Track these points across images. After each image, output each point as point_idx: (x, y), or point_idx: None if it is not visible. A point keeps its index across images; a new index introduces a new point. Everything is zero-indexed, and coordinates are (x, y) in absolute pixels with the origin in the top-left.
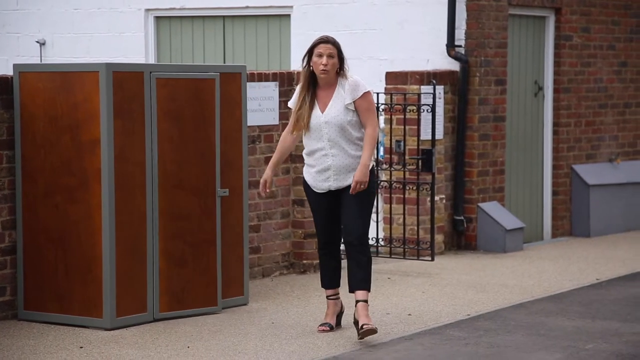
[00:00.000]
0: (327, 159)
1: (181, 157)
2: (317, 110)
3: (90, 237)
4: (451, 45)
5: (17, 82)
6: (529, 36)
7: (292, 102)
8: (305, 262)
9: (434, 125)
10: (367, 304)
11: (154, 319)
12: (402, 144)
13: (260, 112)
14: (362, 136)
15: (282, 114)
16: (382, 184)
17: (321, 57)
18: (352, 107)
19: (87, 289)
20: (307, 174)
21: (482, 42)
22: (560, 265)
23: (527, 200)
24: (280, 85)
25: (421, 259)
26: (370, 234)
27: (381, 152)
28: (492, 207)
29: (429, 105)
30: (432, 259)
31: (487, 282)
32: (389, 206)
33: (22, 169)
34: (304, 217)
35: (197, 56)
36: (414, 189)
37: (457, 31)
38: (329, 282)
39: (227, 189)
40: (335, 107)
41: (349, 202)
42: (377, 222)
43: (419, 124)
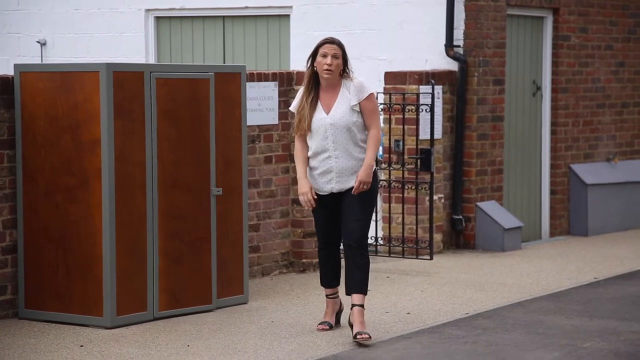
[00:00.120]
0: (330, 161)
1: (178, 157)
2: (321, 111)
3: (90, 236)
4: (450, 45)
5: (17, 82)
6: (527, 36)
7: (294, 105)
8: (304, 261)
9: (432, 124)
10: (363, 308)
11: (154, 317)
12: (401, 143)
13: (259, 112)
14: (366, 138)
15: (281, 113)
16: (381, 183)
17: (325, 57)
18: (358, 108)
19: (87, 288)
20: (309, 175)
21: (480, 42)
22: (558, 264)
23: (526, 199)
24: (279, 85)
25: (420, 258)
26: (369, 234)
27: (380, 152)
28: (490, 207)
29: (427, 105)
30: (431, 258)
31: (485, 281)
32: (387, 205)
33: (22, 168)
34: (303, 216)
35: (197, 56)
36: (413, 188)
37: (455, 31)
38: (329, 281)
39: (221, 188)
40: (340, 109)
41: (350, 205)
42: (376, 221)
43: (417, 124)
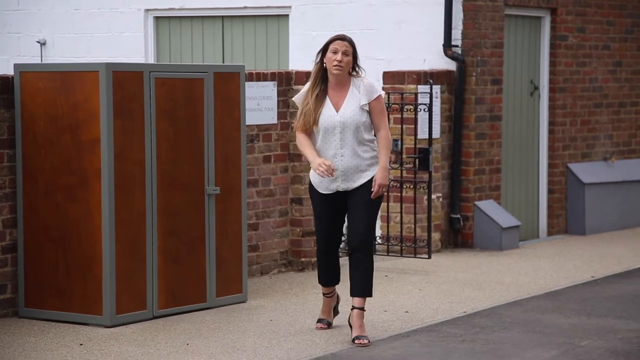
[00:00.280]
0: (336, 160)
1: (177, 156)
2: (330, 109)
3: (90, 235)
4: (448, 45)
5: (17, 81)
6: (524, 36)
7: (299, 97)
8: (303, 259)
9: (430, 124)
10: (364, 311)
11: (153, 316)
12: (400, 143)
13: (258, 112)
14: (371, 138)
15: (280, 113)
16: None
17: (336, 53)
18: (367, 108)
19: (87, 287)
20: (313, 175)
21: (478, 42)
22: (555, 262)
23: (523, 198)
24: (278, 84)
25: (418, 256)
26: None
27: None
28: (488, 206)
29: (425, 104)
30: (429, 257)
31: (483, 280)
32: (386, 205)
33: (22, 168)
34: (302, 215)
35: (196, 56)
36: (411, 187)
37: (453, 31)
38: (327, 281)
39: (219, 187)
40: (350, 107)
41: (356, 206)
42: None
43: (416, 123)
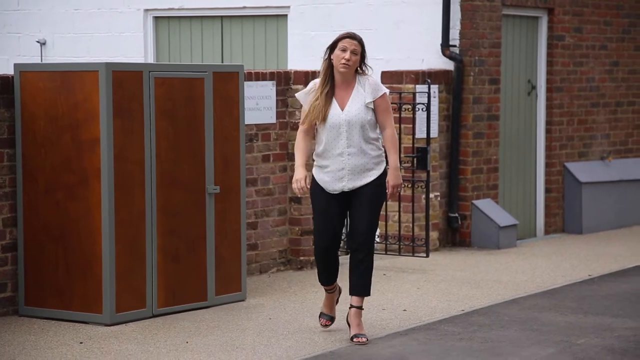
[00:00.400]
0: (343, 158)
1: (176, 155)
2: (335, 107)
3: (90, 234)
4: (446, 45)
5: (18, 81)
6: (522, 36)
7: (303, 94)
8: (302, 258)
9: (428, 123)
10: (362, 309)
11: (153, 314)
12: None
13: (257, 111)
14: (377, 137)
15: (279, 112)
16: None
17: (345, 51)
18: (372, 106)
19: (87, 286)
20: (318, 174)
21: (476, 42)
22: (553, 261)
23: (521, 197)
24: (277, 84)
25: (416, 255)
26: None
27: None
28: (486, 205)
29: (424, 104)
30: (427, 256)
31: (481, 278)
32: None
33: (22, 167)
34: (300, 214)
35: (196, 56)
36: (409, 186)
37: (451, 31)
38: (328, 280)
39: (218, 186)
40: (355, 105)
41: (360, 205)
42: None
43: (414, 123)
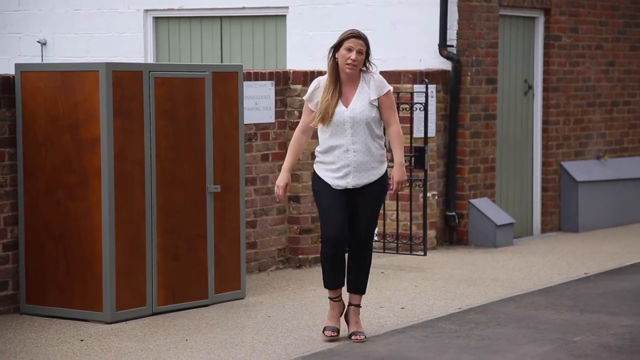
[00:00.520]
0: (349, 155)
1: (176, 155)
2: (340, 105)
3: (90, 233)
4: (443, 45)
5: (18, 81)
6: (519, 36)
7: (309, 95)
8: (300, 257)
9: (426, 123)
10: (360, 307)
11: (153, 312)
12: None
13: (256, 111)
14: (381, 135)
15: (278, 112)
16: None
17: (350, 51)
18: (376, 103)
19: (87, 284)
20: (321, 171)
21: (473, 42)
22: (549, 259)
23: (517, 196)
24: (276, 84)
25: (414, 253)
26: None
27: None
28: (483, 203)
29: (421, 103)
30: (425, 254)
31: (478, 277)
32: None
33: (23, 166)
34: (299, 213)
35: (195, 56)
36: (407, 185)
37: (449, 31)
38: (334, 283)
39: (219, 185)
40: (360, 103)
41: (363, 204)
42: None
43: (411, 122)
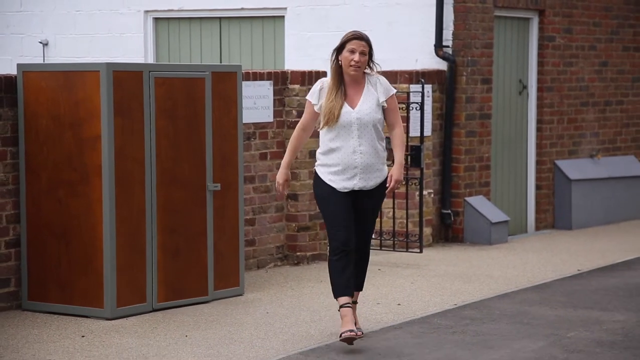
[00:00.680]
0: (355, 156)
1: (176, 154)
2: (346, 106)
3: (91, 230)
4: (439, 45)
5: (20, 81)
6: (513, 37)
7: (313, 96)
8: (298, 254)
9: (422, 122)
10: (356, 303)
11: (153, 309)
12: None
13: (255, 110)
14: (384, 137)
15: (276, 111)
16: None
17: (353, 53)
18: (385, 105)
19: (88, 281)
20: (325, 174)
21: (468, 42)
22: (543, 256)
23: (512, 194)
24: (274, 84)
25: (410, 251)
26: None
27: None
28: (478, 201)
29: (417, 103)
30: (421, 251)
31: (473, 273)
32: None
33: (25, 164)
34: (297, 210)
35: (195, 56)
36: (403, 183)
37: (444, 32)
38: (345, 289)
39: (219, 184)
40: (367, 104)
41: (368, 205)
42: None
43: (408, 122)
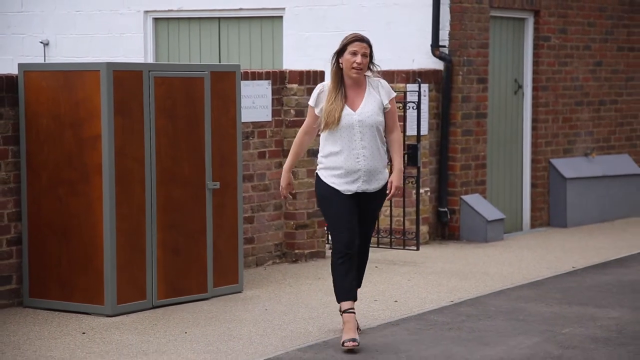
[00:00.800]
0: (359, 159)
1: (175, 152)
2: (347, 109)
3: (91, 228)
4: (436, 45)
5: (21, 81)
6: (509, 37)
7: (314, 99)
8: (297, 251)
9: (419, 121)
10: (355, 300)
11: (153, 306)
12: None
13: (253, 109)
14: (384, 140)
15: (274, 111)
16: None
17: (355, 55)
18: (389, 107)
19: (89, 278)
20: (328, 177)
21: (464, 42)
22: (538, 254)
23: (508, 192)
24: (272, 83)
25: (407, 248)
26: None
27: None
28: (474, 199)
29: (414, 102)
30: (418, 249)
31: (469, 271)
32: None
33: (26, 163)
34: (295, 209)
35: (194, 56)
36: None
37: (441, 32)
38: (348, 294)
39: (218, 182)
40: (369, 107)
41: (369, 207)
42: None
43: (405, 121)
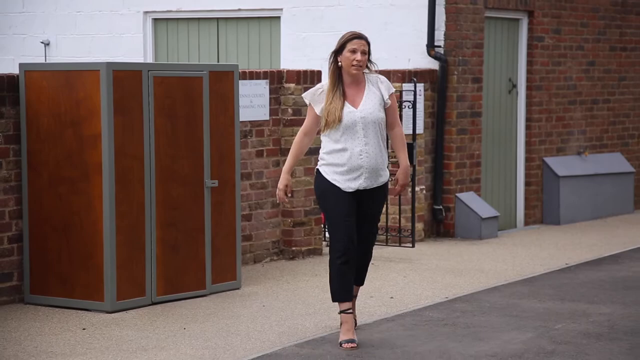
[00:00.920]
0: (361, 156)
1: (174, 151)
2: (348, 106)
3: (92, 225)
4: (431, 45)
5: (22, 80)
6: (503, 37)
7: (314, 100)
8: (294, 249)
9: (414, 120)
10: (356, 297)
11: (152, 302)
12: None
13: (251, 108)
14: (385, 137)
15: (272, 110)
16: None
17: (355, 52)
18: (390, 103)
19: (89, 275)
20: (330, 174)
21: (460, 42)
22: (532, 251)
23: (502, 190)
24: (270, 83)
25: (402, 245)
26: None
27: None
28: (469, 197)
29: (410, 101)
30: (413, 246)
31: (464, 267)
32: None
33: (27, 162)
34: (292, 206)
35: (193, 56)
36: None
37: (436, 32)
38: (346, 294)
39: (217, 180)
40: (369, 104)
41: (372, 205)
42: None
43: (401, 120)
